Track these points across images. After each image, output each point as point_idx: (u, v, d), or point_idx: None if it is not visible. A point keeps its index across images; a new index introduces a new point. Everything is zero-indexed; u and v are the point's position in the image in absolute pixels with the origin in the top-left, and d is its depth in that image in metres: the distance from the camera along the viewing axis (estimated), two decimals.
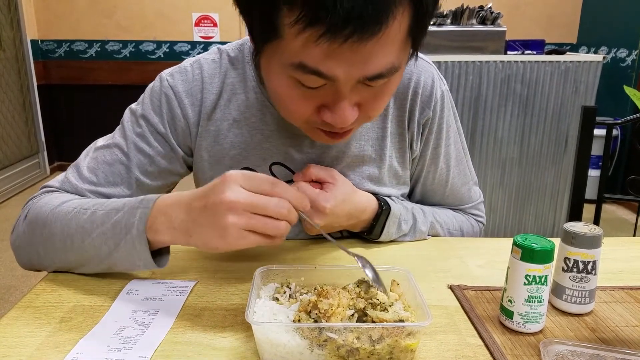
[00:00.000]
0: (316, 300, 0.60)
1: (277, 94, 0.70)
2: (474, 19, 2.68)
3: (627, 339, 0.65)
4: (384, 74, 0.64)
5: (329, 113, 0.68)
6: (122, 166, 0.85)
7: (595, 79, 2.65)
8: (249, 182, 0.64)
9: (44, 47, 4.35)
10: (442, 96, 0.91)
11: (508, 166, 2.79)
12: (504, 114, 2.69)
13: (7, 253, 2.86)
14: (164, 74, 0.88)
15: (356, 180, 0.90)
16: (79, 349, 0.60)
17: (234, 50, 0.89)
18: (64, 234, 0.75)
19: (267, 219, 0.63)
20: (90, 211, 0.74)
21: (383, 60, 0.62)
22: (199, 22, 4.27)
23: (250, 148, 0.88)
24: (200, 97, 0.86)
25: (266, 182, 0.64)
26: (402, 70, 0.70)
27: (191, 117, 0.86)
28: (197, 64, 0.87)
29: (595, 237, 0.67)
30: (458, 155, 0.99)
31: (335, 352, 0.57)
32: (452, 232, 1.00)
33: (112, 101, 4.28)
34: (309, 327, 0.57)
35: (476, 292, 0.75)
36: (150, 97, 0.87)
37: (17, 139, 4.06)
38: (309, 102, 0.68)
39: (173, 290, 0.75)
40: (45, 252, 0.78)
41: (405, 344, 0.57)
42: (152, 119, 0.86)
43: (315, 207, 0.81)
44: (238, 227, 0.62)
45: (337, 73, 0.62)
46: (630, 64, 3.68)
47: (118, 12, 4.27)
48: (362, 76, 0.63)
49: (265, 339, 0.58)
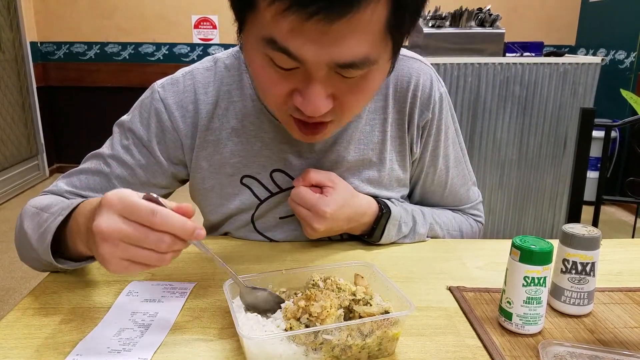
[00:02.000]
0: (306, 305, 0.59)
1: (254, 72, 0.69)
2: (473, 21, 2.69)
3: (625, 341, 0.65)
4: (356, 64, 0.62)
5: (300, 98, 0.66)
6: (103, 175, 0.87)
7: (594, 80, 2.66)
8: (127, 210, 0.58)
9: (44, 49, 4.35)
10: (440, 98, 0.91)
11: (507, 168, 2.79)
12: (502, 115, 2.69)
13: (6, 255, 2.86)
14: (156, 86, 0.87)
15: (356, 183, 0.90)
16: (78, 351, 0.60)
17: (229, 58, 0.88)
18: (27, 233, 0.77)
19: (147, 252, 0.59)
20: (43, 213, 0.77)
21: (355, 48, 0.60)
22: (198, 24, 4.28)
23: (250, 156, 0.88)
24: (193, 108, 0.86)
25: (144, 211, 0.57)
26: (383, 69, 0.68)
27: (182, 129, 0.86)
28: (190, 75, 0.87)
29: (594, 238, 0.67)
30: (457, 156, 0.99)
31: (331, 353, 0.58)
32: (452, 232, 1.00)
33: (111, 103, 4.29)
34: (305, 333, 0.57)
35: (475, 294, 0.75)
36: (139, 109, 0.88)
37: (17, 141, 4.06)
38: (282, 84, 0.66)
39: (172, 291, 0.75)
40: (22, 248, 0.82)
41: (392, 333, 0.59)
42: (138, 132, 0.86)
43: (316, 212, 0.81)
44: (116, 257, 0.58)
45: (305, 54, 0.60)
46: (629, 66, 3.68)
47: (117, 14, 4.28)
48: (332, 61, 0.61)
49: (260, 352, 0.57)
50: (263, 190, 0.90)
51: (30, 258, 0.80)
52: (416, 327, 0.67)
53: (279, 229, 0.93)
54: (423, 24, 2.64)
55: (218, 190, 0.90)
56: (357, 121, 0.88)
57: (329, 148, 0.88)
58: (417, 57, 0.91)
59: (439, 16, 2.69)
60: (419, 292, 0.76)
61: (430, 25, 2.64)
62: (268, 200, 0.90)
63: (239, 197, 0.90)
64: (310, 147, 0.88)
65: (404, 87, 0.89)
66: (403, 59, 0.90)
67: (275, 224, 0.92)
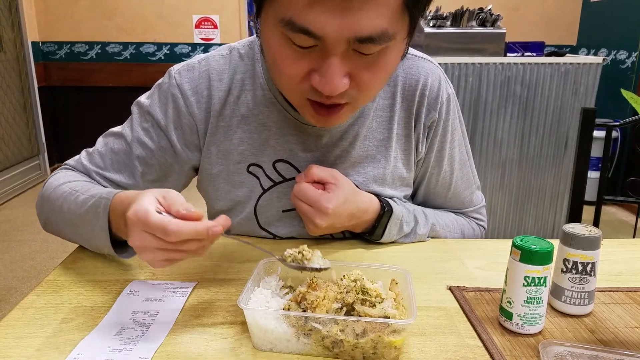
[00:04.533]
0: (305, 292, 0.63)
1: (272, 55, 0.70)
2: (474, 21, 2.68)
3: (626, 341, 0.65)
4: (375, 38, 0.62)
5: (317, 77, 0.67)
6: (125, 156, 0.90)
7: (595, 80, 2.66)
8: (147, 227, 0.63)
9: (45, 48, 4.36)
10: (448, 99, 0.92)
11: (508, 168, 2.79)
12: (503, 115, 2.69)
13: (8, 255, 2.86)
14: (172, 71, 0.89)
15: (360, 180, 0.90)
16: (79, 350, 0.61)
17: (244, 47, 0.90)
18: (60, 210, 0.83)
19: (181, 253, 0.65)
20: (77, 194, 0.82)
21: (374, 21, 0.61)
22: (199, 24, 4.28)
23: (257, 144, 0.89)
24: (207, 94, 0.87)
25: (159, 231, 0.62)
26: (399, 47, 0.69)
27: (197, 114, 0.88)
28: (205, 62, 0.89)
29: (594, 238, 0.67)
30: (462, 158, 0.99)
31: (321, 343, 0.60)
32: (453, 235, 1.00)
33: (112, 103, 4.29)
34: (296, 316, 0.60)
35: (475, 294, 0.75)
36: (158, 93, 0.90)
37: (18, 141, 4.06)
38: (300, 64, 0.67)
39: (173, 291, 0.75)
40: (50, 222, 0.89)
41: (389, 340, 0.59)
42: (156, 115, 0.88)
43: (318, 208, 0.81)
44: (158, 260, 0.65)
45: (325, 28, 0.61)
46: (630, 66, 3.68)
47: (119, 14, 4.28)
48: (352, 35, 0.62)
49: (254, 323, 0.61)
50: (267, 180, 0.91)
51: (63, 233, 0.87)
52: (416, 327, 0.67)
53: (282, 224, 0.93)
54: (424, 24, 2.64)
55: (225, 177, 0.91)
56: (364, 117, 0.89)
57: (335, 143, 0.89)
58: (426, 57, 0.92)
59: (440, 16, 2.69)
60: (419, 292, 0.76)
61: (432, 25, 2.64)
62: (271, 189, 0.91)
63: (245, 185, 0.91)
64: (316, 141, 0.88)
65: (412, 85, 0.89)
66: (412, 58, 0.90)
67: (278, 218, 0.93)
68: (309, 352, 0.61)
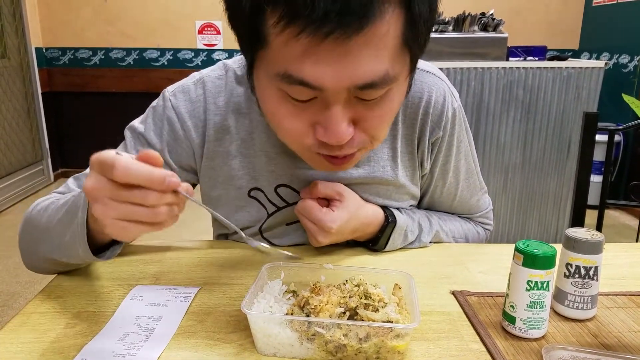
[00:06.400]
0: (308, 296, 0.63)
1: (270, 112, 0.68)
2: (476, 26, 2.69)
3: (629, 345, 0.65)
4: (377, 83, 0.60)
5: (322, 130, 0.65)
6: None
7: (597, 85, 2.66)
8: (101, 167, 0.55)
9: (49, 54, 4.38)
10: (453, 114, 0.88)
11: (511, 172, 2.79)
12: (506, 120, 2.69)
13: (11, 260, 2.87)
14: (167, 93, 0.87)
15: (365, 196, 0.89)
16: (83, 355, 0.61)
17: (240, 68, 0.87)
18: (39, 226, 0.78)
19: (136, 207, 0.55)
20: (57, 202, 0.76)
21: (374, 66, 0.59)
22: (202, 30, 4.30)
23: (257, 169, 0.87)
24: (204, 118, 0.85)
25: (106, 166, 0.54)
26: (402, 87, 0.67)
27: (194, 138, 0.86)
28: (201, 83, 0.86)
29: (597, 242, 0.67)
30: (468, 168, 0.97)
31: (324, 347, 0.60)
32: (457, 239, 1.00)
33: (116, 108, 4.31)
34: (299, 321, 0.60)
35: (479, 298, 0.75)
36: (152, 116, 0.87)
37: (22, 146, 4.08)
38: (301, 118, 0.65)
39: (177, 296, 0.75)
40: (29, 246, 0.82)
41: (392, 344, 0.59)
42: (151, 140, 0.86)
43: (321, 227, 0.81)
44: (109, 217, 0.55)
45: (324, 79, 0.58)
46: (632, 70, 3.68)
47: (122, 20, 4.30)
48: (351, 83, 0.59)
49: (258, 328, 0.61)
50: (270, 205, 0.90)
51: (41, 257, 0.79)
52: (420, 332, 0.67)
53: (286, 236, 0.93)
54: None
55: (225, 201, 0.90)
56: None
57: None
58: (431, 71, 0.88)
59: (442, 21, 2.70)
60: (422, 296, 0.76)
61: (434, 30, 2.64)
62: (275, 214, 0.90)
63: (246, 209, 0.90)
64: None
65: (415, 102, 0.86)
66: (417, 72, 0.86)
67: (283, 232, 0.92)
68: (312, 357, 0.61)
